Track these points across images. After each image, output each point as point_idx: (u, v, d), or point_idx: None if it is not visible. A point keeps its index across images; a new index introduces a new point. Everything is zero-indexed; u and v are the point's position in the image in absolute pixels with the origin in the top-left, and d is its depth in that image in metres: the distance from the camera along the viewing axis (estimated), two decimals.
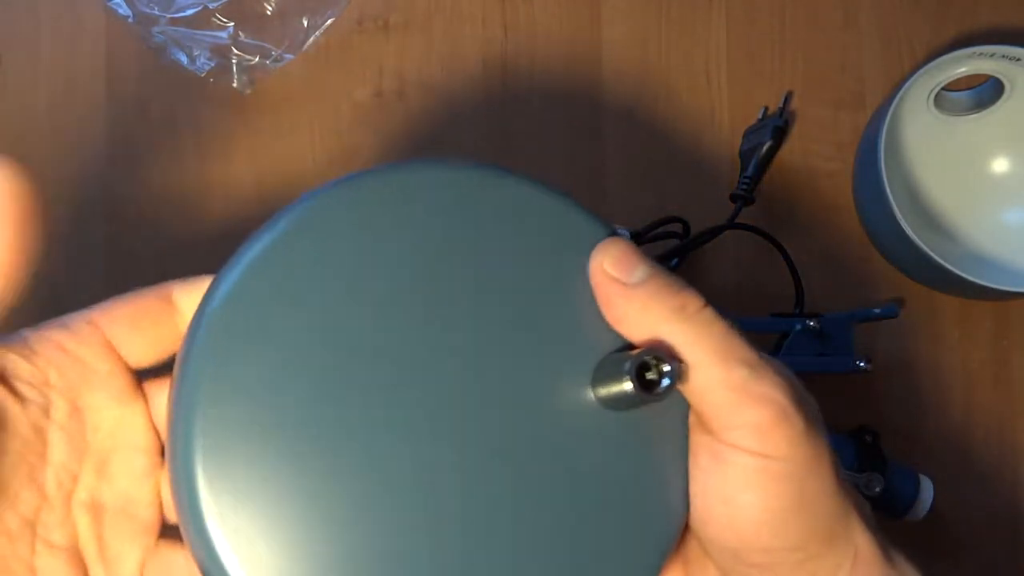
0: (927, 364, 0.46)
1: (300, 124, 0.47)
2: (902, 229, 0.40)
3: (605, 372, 0.23)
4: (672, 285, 0.23)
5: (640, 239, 0.44)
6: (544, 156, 0.46)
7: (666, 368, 0.22)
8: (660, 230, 0.45)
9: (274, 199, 0.46)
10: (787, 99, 0.47)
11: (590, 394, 0.23)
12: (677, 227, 0.45)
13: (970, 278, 0.39)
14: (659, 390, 0.22)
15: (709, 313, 0.22)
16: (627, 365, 0.22)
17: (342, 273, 0.23)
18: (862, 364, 0.42)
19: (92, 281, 0.46)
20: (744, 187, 0.45)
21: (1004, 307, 0.46)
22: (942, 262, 0.40)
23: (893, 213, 0.40)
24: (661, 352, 0.22)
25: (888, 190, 0.40)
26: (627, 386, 0.22)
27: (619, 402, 0.23)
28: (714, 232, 0.44)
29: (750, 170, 0.45)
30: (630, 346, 0.23)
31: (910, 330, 0.46)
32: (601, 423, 0.23)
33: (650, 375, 0.22)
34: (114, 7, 0.46)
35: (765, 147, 0.45)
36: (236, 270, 0.23)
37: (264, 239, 0.23)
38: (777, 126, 0.45)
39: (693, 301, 0.22)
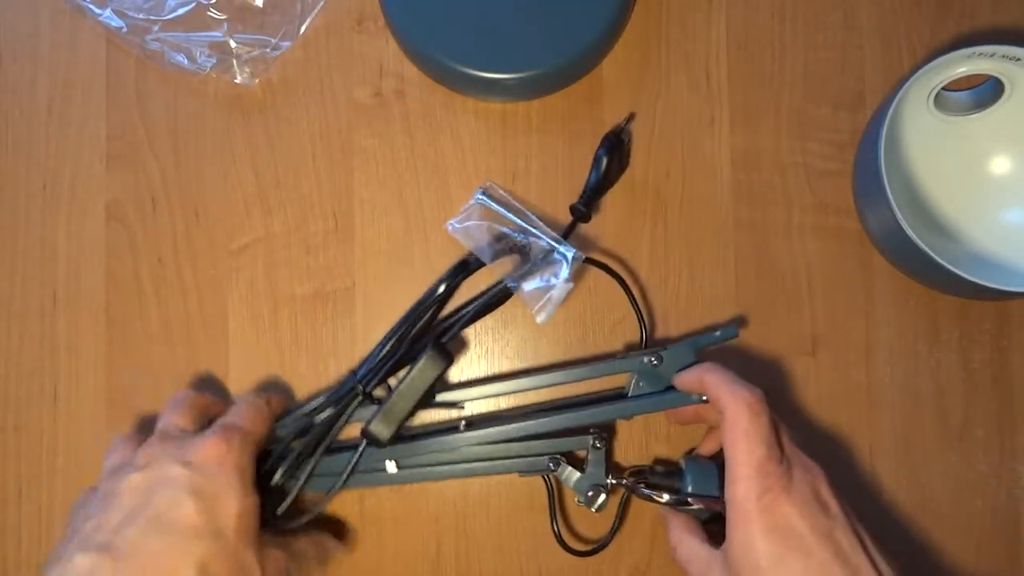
0: (927, 364, 0.46)
1: (300, 124, 0.47)
2: (902, 229, 0.40)
3: None
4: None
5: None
6: (544, 156, 0.46)
7: None
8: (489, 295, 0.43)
9: (274, 198, 0.46)
10: (629, 119, 0.46)
11: None
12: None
13: (970, 278, 0.39)
14: None
15: None
16: None
17: None
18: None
19: (93, 281, 0.45)
20: (584, 201, 0.43)
21: (1004, 307, 0.46)
22: (942, 262, 0.39)
23: (893, 213, 0.40)
24: None
25: (888, 190, 0.40)
26: None
27: None
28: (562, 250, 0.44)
29: (591, 181, 0.43)
30: None
31: (910, 330, 0.46)
32: None
33: None
34: (106, 21, 0.46)
35: (604, 160, 0.43)
36: None
37: None
38: (611, 138, 0.43)
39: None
